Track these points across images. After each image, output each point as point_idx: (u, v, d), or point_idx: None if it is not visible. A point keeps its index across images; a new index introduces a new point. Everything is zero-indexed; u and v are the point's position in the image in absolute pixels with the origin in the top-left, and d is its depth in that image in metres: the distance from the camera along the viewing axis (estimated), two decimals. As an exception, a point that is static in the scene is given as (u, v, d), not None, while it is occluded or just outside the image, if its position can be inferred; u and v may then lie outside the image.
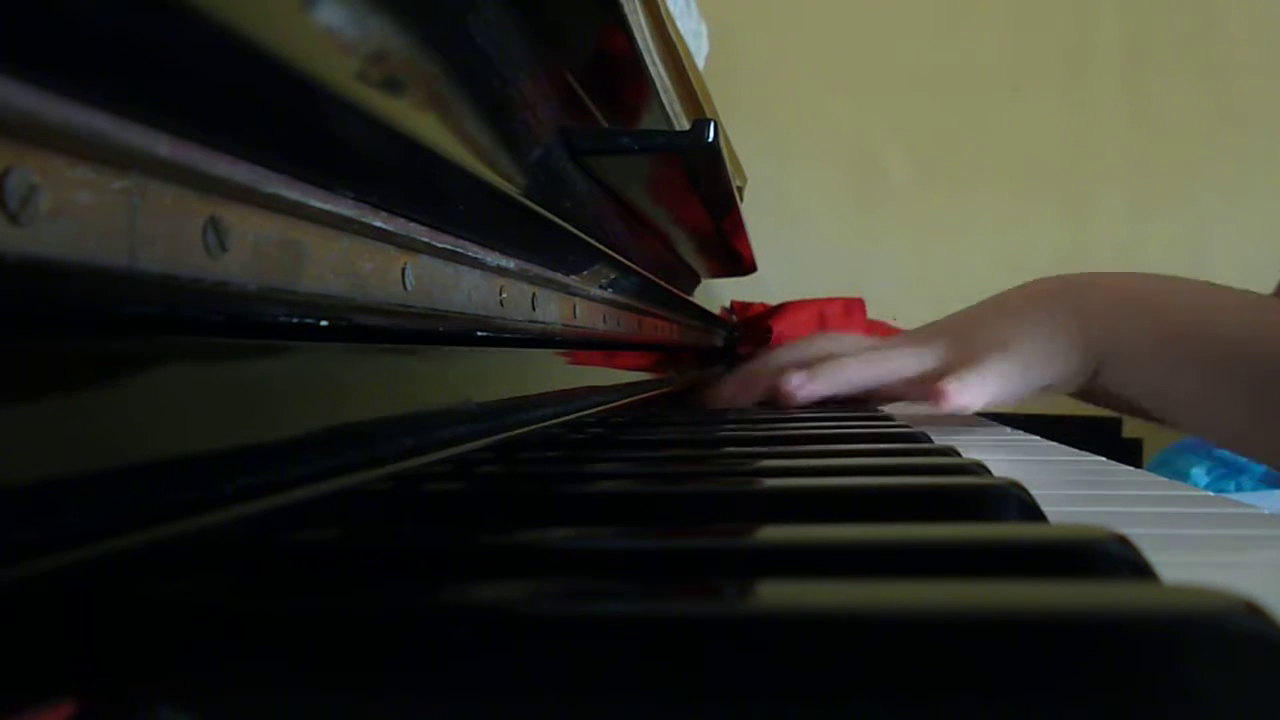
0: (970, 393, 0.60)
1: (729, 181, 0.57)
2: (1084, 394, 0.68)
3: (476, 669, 0.13)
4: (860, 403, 0.70)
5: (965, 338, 0.65)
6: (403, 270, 0.25)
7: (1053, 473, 0.41)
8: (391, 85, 0.22)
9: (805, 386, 0.65)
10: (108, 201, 0.14)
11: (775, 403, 0.67)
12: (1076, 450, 0.49)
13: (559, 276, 0.40)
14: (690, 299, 0.83)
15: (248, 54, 0.16)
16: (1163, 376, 0.60)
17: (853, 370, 0.65)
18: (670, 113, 0.52)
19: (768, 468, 0.32)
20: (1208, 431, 0.65)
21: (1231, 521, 0.28)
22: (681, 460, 0.36)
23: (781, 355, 0.73)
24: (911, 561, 0.17)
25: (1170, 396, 0.61)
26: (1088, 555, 0.17)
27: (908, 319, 1.14)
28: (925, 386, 0.62)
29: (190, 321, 0.17)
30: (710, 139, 0.45)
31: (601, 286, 0.49)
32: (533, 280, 0.37)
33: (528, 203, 0.33)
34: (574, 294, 0.43)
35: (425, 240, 0.26)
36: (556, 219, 0.37)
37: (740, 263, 0.95)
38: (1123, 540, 0.17)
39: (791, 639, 0.12)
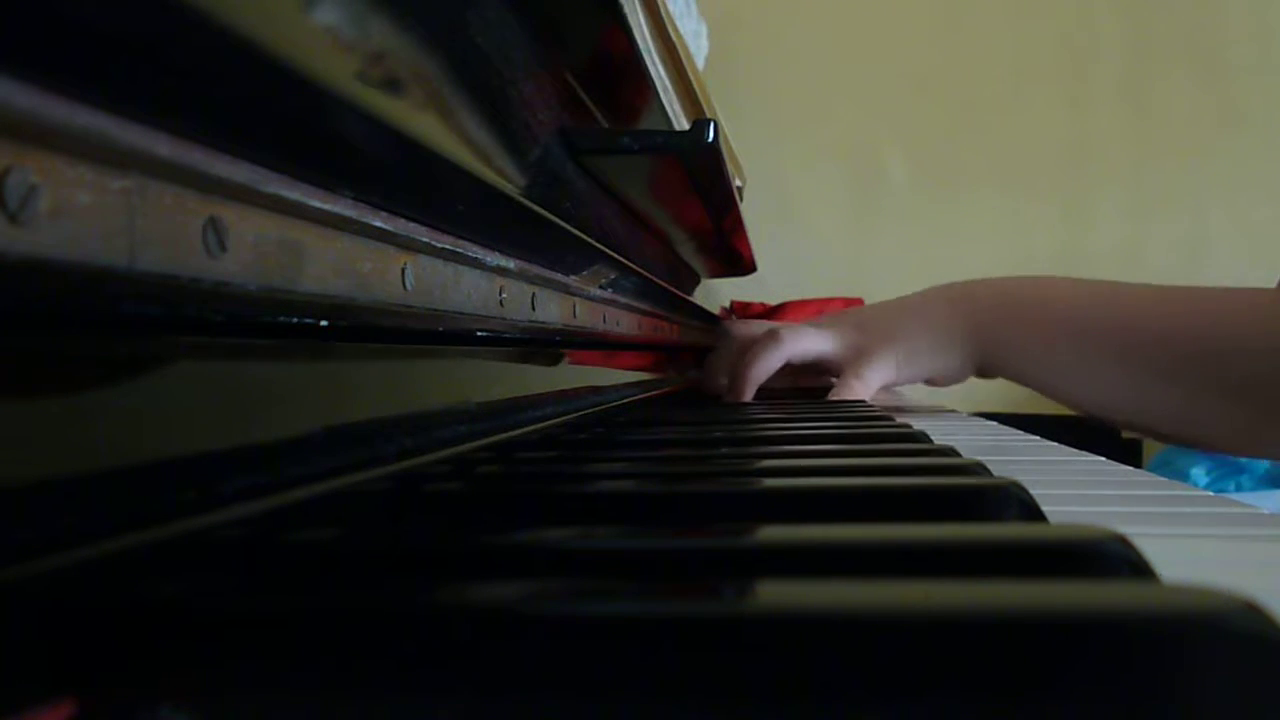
0: (868, 382, 0.73)
1: (729, 181, 0.57)
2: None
3: (476, 669, 0.13)
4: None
5: (865, 329, 0.77)
6: (402, 270, 0.25)
7: (1052, 472, 0.41)
8: (391, 85, 0.22)
9: (731, 395, 0.77)
10: (108, 201, 0.14)
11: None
12: (1075, 450, 0.49)
13: (559, 276, 0.40)
14: (690, 299, 0.83)
15: (247, 54, 0.16)
16: (1061, 367, 0.69)
17: (759, 367, 0.76)
18: (670, 113, 0.52)
19: (767, 468, 0.32)
20: (1142, 424, 0.70)
21: (1231, 521, 0.28)
22: (681, 460, 0.36)
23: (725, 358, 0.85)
24: (912, 561, 0.17)
25: (1078, 385, 0.69)
26: (1088, 555, 0.17)
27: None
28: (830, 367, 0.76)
29: (190, 321, 0.17)
30: (710, 139, 0.45)
31: (601, 286, 0.49)
32: (532, 280, 0.37)
33: (527, 203, 0.33)
34: (574, 294, 0.43)
35: (425, 240, 0.26)
36: (556, 219, 0.37)
37: (740, 263, 0.95)
38: (1123, 540, 0.17)
39: (791, 639, 0.12)
